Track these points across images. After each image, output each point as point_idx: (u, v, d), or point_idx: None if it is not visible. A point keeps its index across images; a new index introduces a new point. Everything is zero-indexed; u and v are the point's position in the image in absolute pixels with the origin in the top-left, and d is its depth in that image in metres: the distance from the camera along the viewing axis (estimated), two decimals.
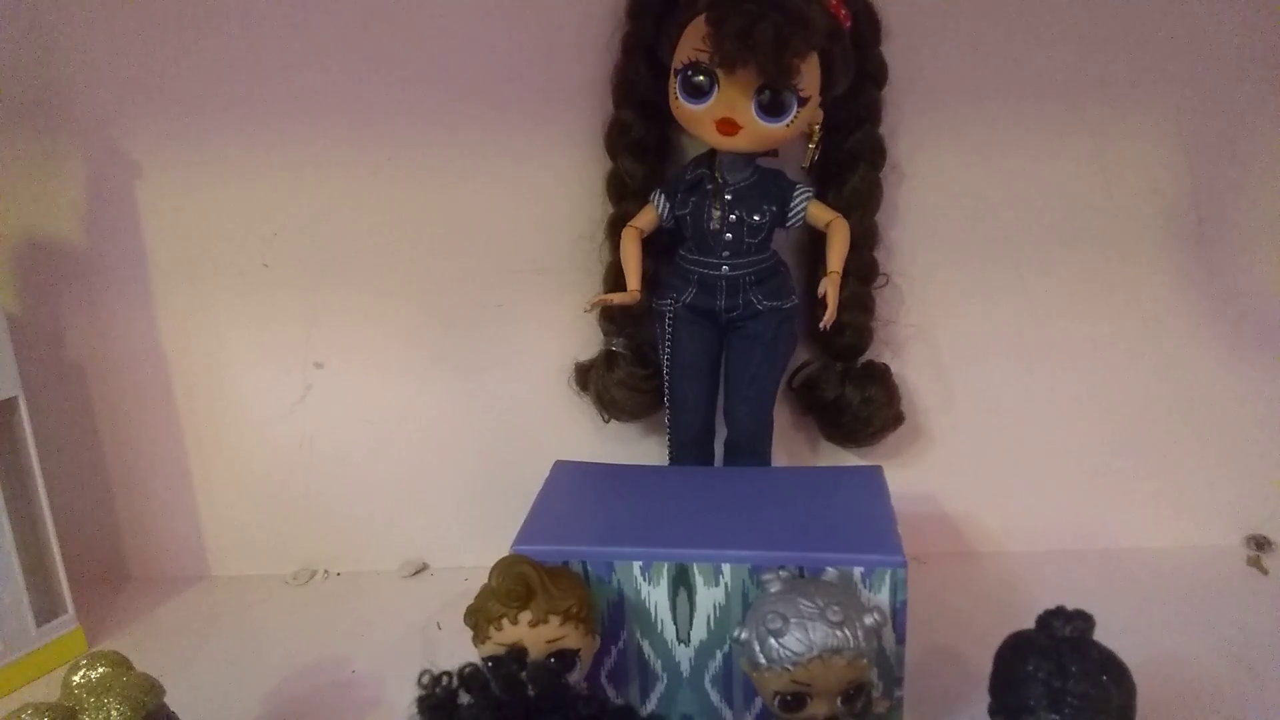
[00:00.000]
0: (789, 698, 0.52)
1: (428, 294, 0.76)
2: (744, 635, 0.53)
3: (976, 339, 0.77)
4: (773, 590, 0.54)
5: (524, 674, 0.55)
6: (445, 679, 0.54)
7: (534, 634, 0.53)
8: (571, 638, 0.54)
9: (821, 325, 0.68)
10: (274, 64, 0.71)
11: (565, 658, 0.54)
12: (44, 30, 0.70)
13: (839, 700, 0.51)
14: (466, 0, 0.70)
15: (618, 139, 0.70)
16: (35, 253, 0.74)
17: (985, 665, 0.54)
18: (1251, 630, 0.69)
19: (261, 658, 0.70)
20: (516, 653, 0.57)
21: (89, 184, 0.73)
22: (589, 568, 0.58)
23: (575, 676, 0.55)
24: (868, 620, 0.51)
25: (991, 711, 0.55)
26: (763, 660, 0.52)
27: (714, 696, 0.59)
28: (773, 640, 0.51)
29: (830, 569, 0.55)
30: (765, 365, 0.71)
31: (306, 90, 0.71)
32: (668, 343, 0.71)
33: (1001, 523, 0.80)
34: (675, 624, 0.58)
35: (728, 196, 0.67)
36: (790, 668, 0.51)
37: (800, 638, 0.50)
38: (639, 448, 0.79)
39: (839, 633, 0.50)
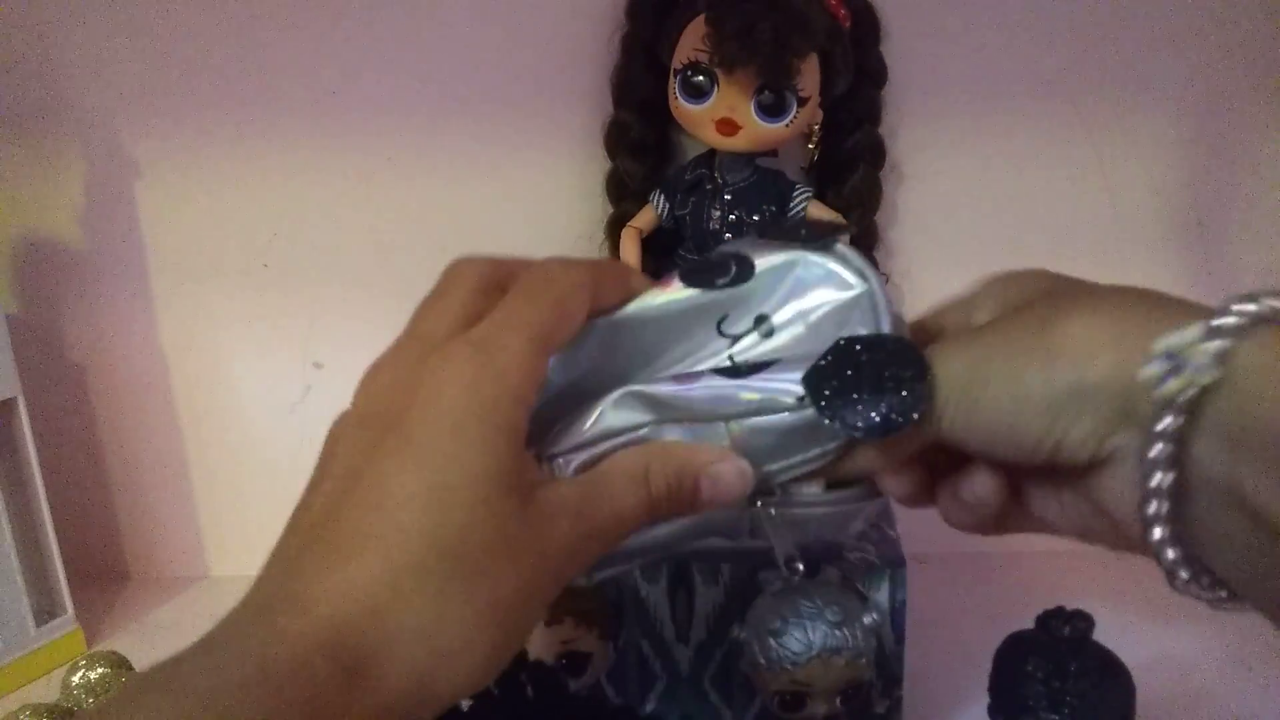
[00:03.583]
0: (788, 697, 0.52)
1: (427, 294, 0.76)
2: (743, 635, 0.53)
3: None
4: (772, 590, 0.54)
5: (522, 675, 0.55)
6: None
7: (548, 632, 0.53)
8: (586, 641, 0.53)
9: None
10: (274, 64, 0.71)
11: (576, 660, 0.54)
12: (44, 30, 0.70)
13: (838, 700, 0.51)
14: (466, 1, 0.70)
15: (617, 139, 0.70)
16: (35, 253, 0.74)
17: (985, 665, 0.54)
18: (1251, 630, 0.69)
19: None
20: (517, 654, 0.57)
21: (89, 184, 0.73)
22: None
23: (583, 682, 0.55)
24: (866, 620, 0.51)
25: (991, 711, 0.55)
26: (762, 660, 0.52)
27: (713, 696, 0.59)
28: (772, 640, 0.51)
29: (830, 569, 0.55)
30: None
31: (306, 90, 0.71)
32: None
33: None
34: (674, 623, 0.58)
35: (727, 196, 0.67)
36: (790, 667, 0.51)
37: (800, 638, 0.50)
38: None
39: (838, 632, 0.50)
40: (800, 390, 0.32)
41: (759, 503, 0.35)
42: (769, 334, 0.34)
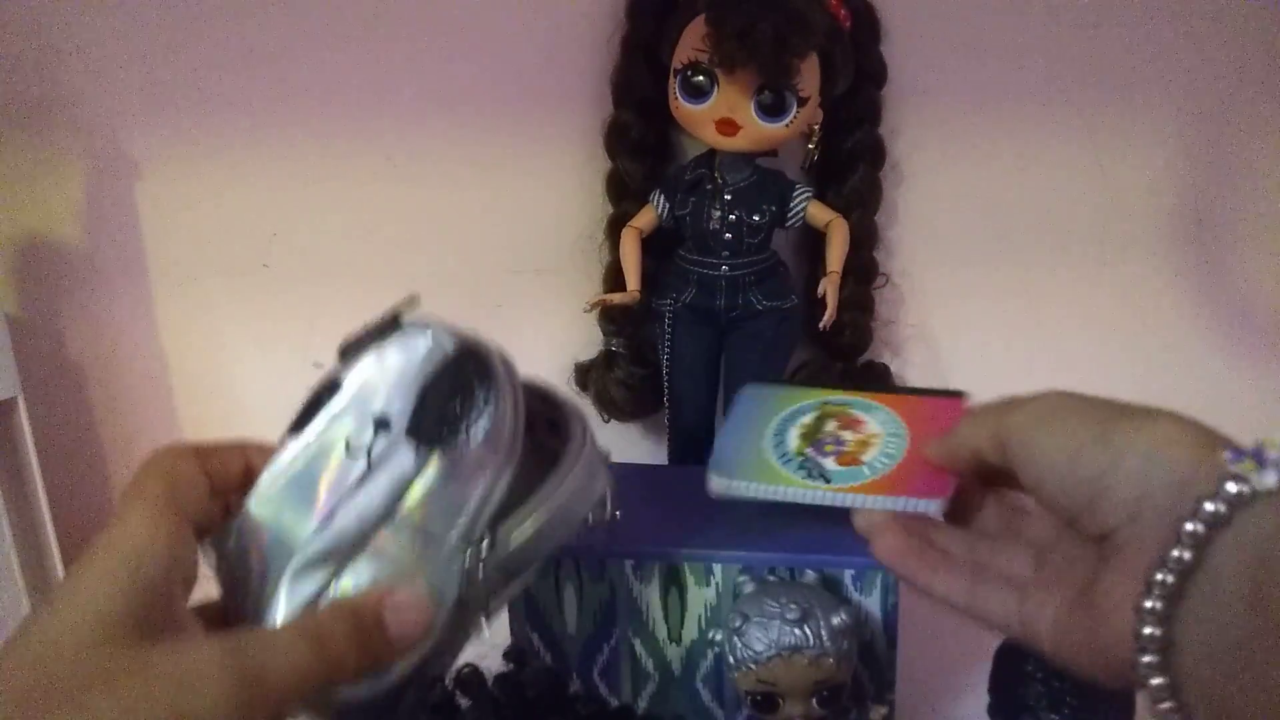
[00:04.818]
0: (759, 698, 0.52)
1: (427, 294, 0.75)
2: (718, 637, 0.54)
3: (976, 339, 0.77)
4: (745, 591, 0.54)
5: (522, 675, 0.55)
6: (439, 682, 0.54)
7: None
8: None
9: (821, 325, 0.68)
10: (274, 64, 0.71)
11: None
12: (44, 31, 0.70)
13: (814, 702, 0.51)
14: (466, 2, 0.70)
15: (617, 139, 0.70)
16: (35, 253, 0.74)
17: (983, 666, 0.54)
18: None
19: None
20: (516, 653, 0.57)
21: (89, 184, 0.73)
22: (580, 565, 0.58)
23: None
24: (834, 620, 0.51)
25: (991, 711, 0.55)
26: (730, 660, 0.52)
27: (705, 696, 0.59)
28: (736, 639, 0.51)
29: (809, 571, 0.55)
30: (765, 365, 0.71)
31: (306, 91, 0.71)
32: (667, 343, 0.71)
33: None
34: (667, 623, 0.58)
35: (727, 196, 0.67)
36: (753, 666, 0.51)
37: (760, 636, 0.50)
38: (639, 448, 0.79)
39: (797, 631, 0.50)
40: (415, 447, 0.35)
41: (468, 552, 0.36)
42: (388, 425, 0.36)
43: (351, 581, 0.35)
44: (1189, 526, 0.29)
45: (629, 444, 0.79)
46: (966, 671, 0.62)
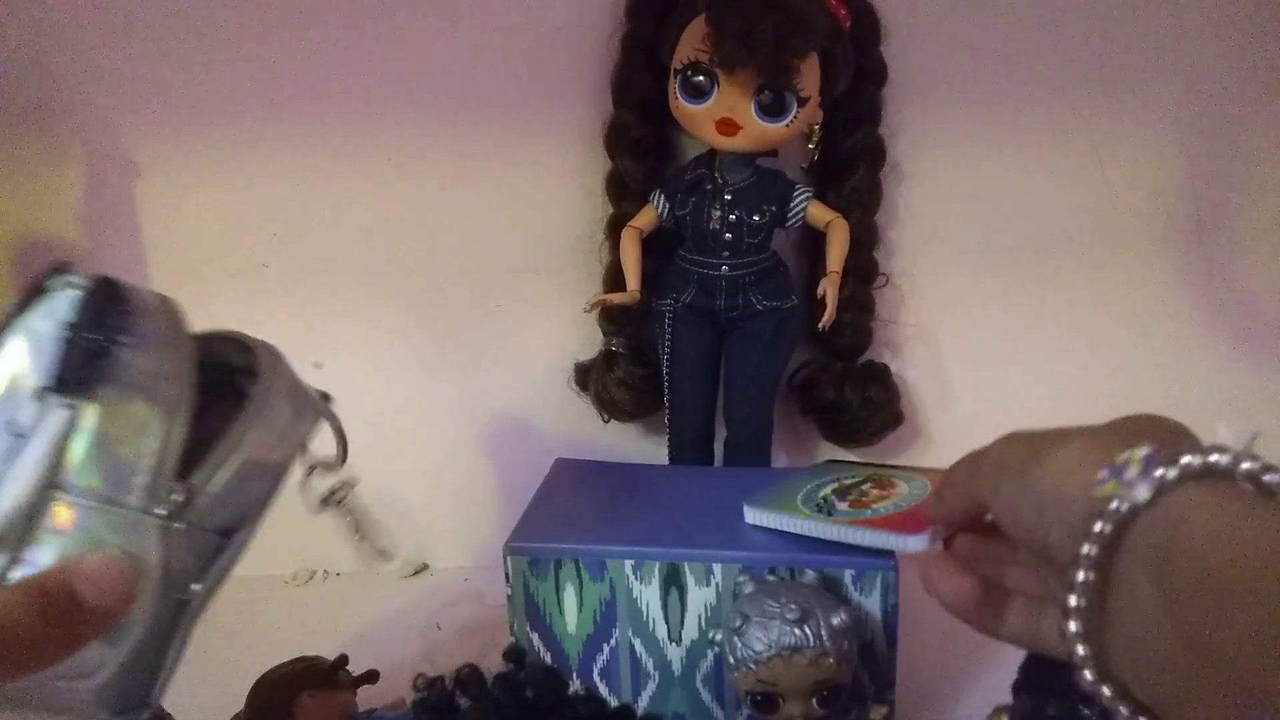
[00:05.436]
0: (759, 698, 0.52)
1: (427, 294, 0.76)
2: (718, 637, 0.54)
3: (976, 339, 0.77)
4: (745, 591, 0.54)
5: (522, 675, 0.55)
6: (439, 682, 0.54)
7: None
8: None
9: (821, 325, 0.68)
10: (274, 64, 0.71)
11: None
12: (44, 30, 0.70)
13: (814, 702, 0.51)
14: (466, 1, 0.70)
15: (617, 139, 0.70)
16: (35, 253, 0.74)
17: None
18: None
19: (260, 658, 0.70)
20: (516, 653, 0.57)
21: (89, 184, 0.73)
22: (581, 565, 0.58)
23: None
24: (834, 620, 0.51)
25: (1016, 688, 0.54)
26: (730, 660, 0.52)
27: (705, 696, 0.59)
28: (736, 639, 0.51)
29: (810, 571, 0.55)
30: (765, 365, 0.71)
31: (307, 91, 0.71)
32: (667, 343, 0.71)
33: None
34: (667, 623, 0.58)
35: (727, 196, 0.67)
36: (754, 666, 0.51)
37: (760, 636, 0.50)
38: (639, 447, 0.79)
39: (797, 631, 0.50)
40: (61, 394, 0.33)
41: (159, 508, 0.34)
42: (34, 391, 0.34)
43: (34, 560, 0.33)
44: (1084, 549, 0.29)
45: (629, 444, 0.79)
46: (966, 671, 0.62)
